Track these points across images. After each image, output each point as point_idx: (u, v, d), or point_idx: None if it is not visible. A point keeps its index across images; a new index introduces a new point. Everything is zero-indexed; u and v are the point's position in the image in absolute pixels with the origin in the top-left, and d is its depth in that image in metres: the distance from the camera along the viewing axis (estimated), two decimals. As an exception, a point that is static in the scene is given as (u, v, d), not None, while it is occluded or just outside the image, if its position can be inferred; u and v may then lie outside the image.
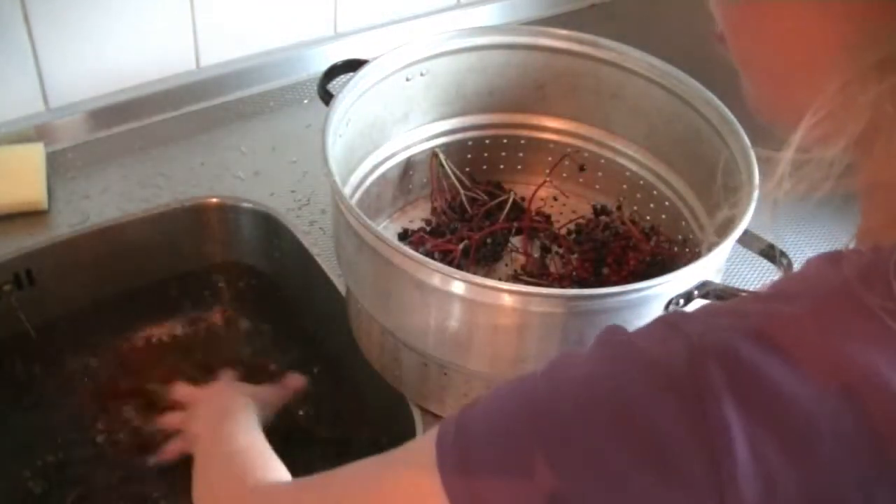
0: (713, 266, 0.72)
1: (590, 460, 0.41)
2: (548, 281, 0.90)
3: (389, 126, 0.92)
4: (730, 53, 0.48)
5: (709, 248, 0.71)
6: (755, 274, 0.98)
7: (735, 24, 0.47)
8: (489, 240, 0.92)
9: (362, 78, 0.84)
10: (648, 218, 0.97)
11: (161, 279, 1.01)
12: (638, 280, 0.68)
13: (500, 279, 0.91)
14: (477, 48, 0.92)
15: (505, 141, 1.00)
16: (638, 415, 0.40)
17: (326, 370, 1.00)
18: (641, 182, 0.96)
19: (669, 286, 0.68)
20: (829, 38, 0.42)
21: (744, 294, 0.70)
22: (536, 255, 0.94)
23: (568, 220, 0.98)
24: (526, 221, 0.96)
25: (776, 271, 0.76)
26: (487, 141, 1.00)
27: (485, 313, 0.69)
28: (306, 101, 1.15)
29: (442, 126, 0.97)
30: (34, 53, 0.98)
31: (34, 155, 0.98)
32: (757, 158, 0.75)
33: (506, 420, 0.44)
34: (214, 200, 1.00)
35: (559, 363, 0.45)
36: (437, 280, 0.68)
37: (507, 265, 0.94)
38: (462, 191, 0.96)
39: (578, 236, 0.96)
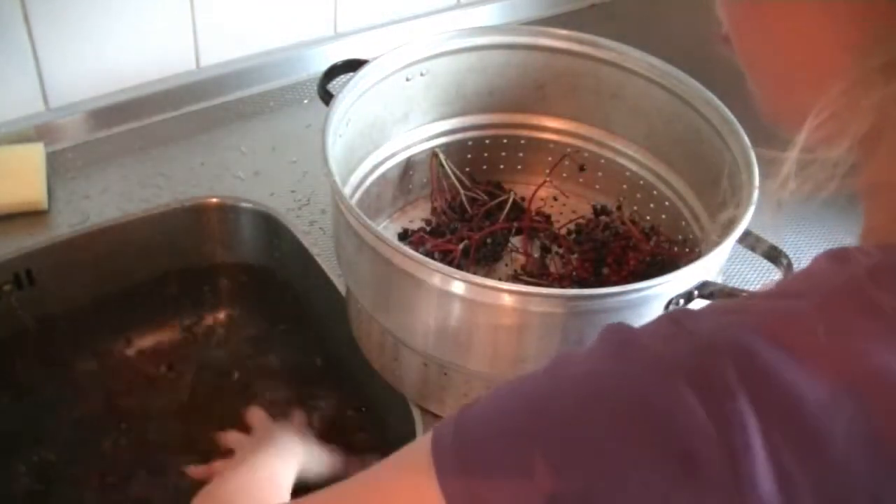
0: (713, 266, 0.72)
1: (594, 457, 0.40)
2: (548, 281, 0.90)
3: (389, 126, 0.92)
4: (735, 55, 0.48)
5: (709, 248, 0.71)
6: (755, 274, 0.98)
7: (740, 25, 0.47)
8: (489, 240, 0.92)
9: (362, 78, 0.84)
10: (648, 218, 0.97)
11: (161, 279, 1.01)
12: (638, 280, 0.68)
13: (500, 279, 0.91)
14: (477, 48, 0.92)
15: (505, 141, 1.00)
16: (650, 408, 0.39)
17: (326, 370, 1.00)
18: (641, 182, 0.96)
19: (669, 286, 0.68)
20: (833, 39, 0.42)
21: (743, 293, 0.70)
22: (536, 255, 0.94)
23: (568, 220, 0.98)
24: (526, 221, 0.96)
25: (776, 271, 0.76)
26: (487, 141, 1.00)
27: (485, 313, 0.69)
28: (306, 101, 1.15)
29: (442, 126, 0.97)
30: (34, 53, 0.98)
31: (34, 155, 0.98)
32: (758, 158, 0.75)
33: (505, 420, 0.44)
34: (214, 200, 1.00)
35: (560, 361, 0.45)
36: (437, 280, 0.68)
37: (507, 265, 0.94)
38: (462, 191, 0.96)
39: (578, 236, 0.96)
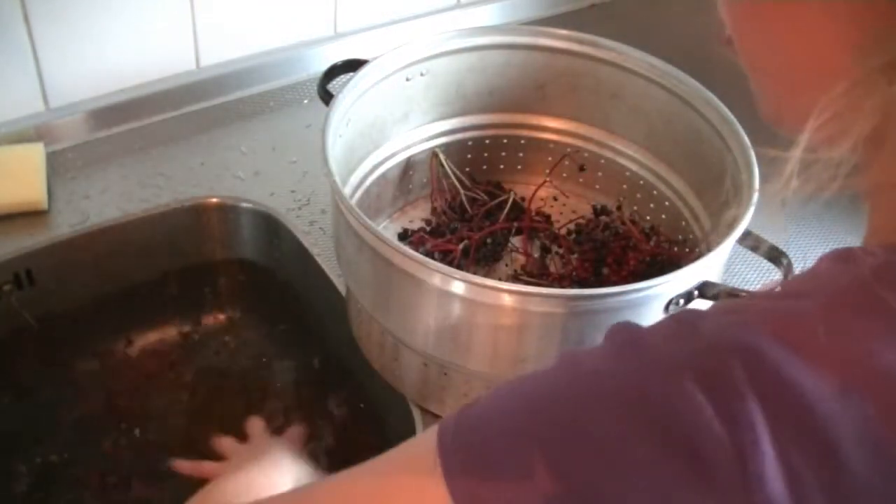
0: (713, 266, 0.72)
1: (595, 456, 0.40)
2: (548, 281, 0.90)
3: (389, 126, 0.92)
4: (738, 56, 0.48)
5: (709, 248, 0.71)
6: (755, 274, 0.98)
7: (742, 26, 0.47)
8: (489, 240, 0.92)
9: (362, 78, 0.84)
10: (648, 218, 0.97)
11: (161, 279, 1.01)
12: (638, 280, 0.68)
13: (500, 279, 0.91)
14: (477, 48, 0.92)
15: (505, 141, 1.00)
16: (656, 407, 0.39)
17: (326, 370, 1.00)
18: (641, 182, 0.96)
19: (669, 286, 0.68)
20: (834, 40, 0.42)
21: (744, 294, 0.70)
22: (536, 255, 0.94)
23: (568, 220, 0.98)
24: (526, 221, 0.96)
25: (777, 271, 0.76)
26: (487, 141, 1.00)
27: (485, 313, 0.69)
28: (306, 101, 1.15)
29: (442, 126, 0.97)
30: (34, 53, 0.98)
31: (34, 155, 0.98)
32: (758, 158, 0.75)
33: (505, 419, 0.43)
34: (214, 200, 1.00)
35: (564, 361, 0.44)
36: (437, 280, 0.68)
37: (507, 265, 0.94)
38: (462, 191, 0.96)
39: (578, 236, 0.96)
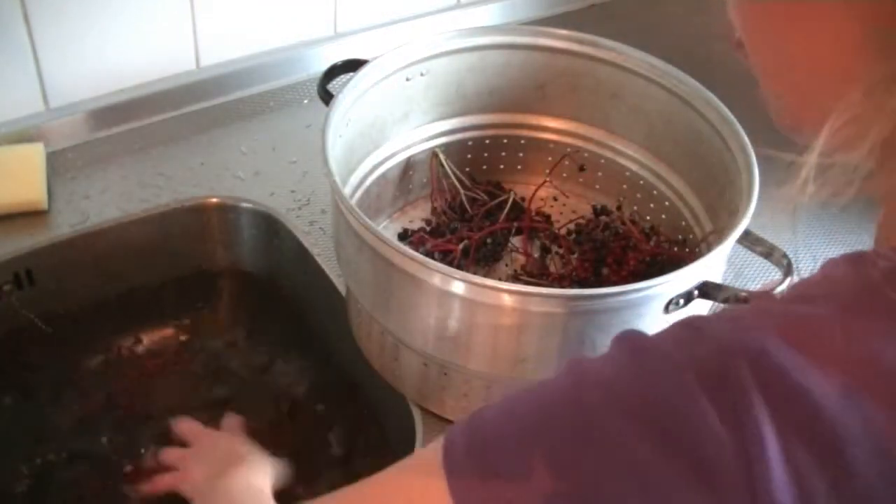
0: (713, 266, 0.72)
1: (601, 461, 0.40)
2: (548, 281, 0.90)
3: (389, 126, 0.92)
4: (747, 60, 0.47)
5: (709, 248, 0.71)
6: (755, 274, 0.98)
7: (754, 28, 0.46)
8: (489, 240, 0.92)
9: (362, 78, 0.84)
10: (648, 218, 0.97)
11: (161, 279, 1.01)
12: (638, 280, 0.68)
13: (500, 279, 0.91)
14: (477, 48, 0.92)
15: (505, 141, 1.00)
16: (662, 412, 0.39)
17: (326, 370, 1.00)
18: (641, 182, 0.96)
19: (669, 286, 0.68)
20: (850, 43, 0.41)
21: (744, 294, 0.70)
22: (536, 255, 0.94)
23: (568, 220, 0.98)
24: (526, 221, 0.96)
25: (777, 271, 0.76)
26: (487, 141, 1.00)
27: (485, 313, 0.69)
28: (306, 101, 1.15)
29: (442, 126, 0.97)
30: (34, 53, 0.98)
31: (34, 155, 0.98)
32: (757, 158, 0.75)
33: (514, 424, 0.43)
34: (214, 200, 1.00)
35: (572, 367, 0.44)
36: (437, 280, 0.68)
37: (507, 265, 0.94)
38: (462, 191, 0.96)
39: (578, 236, 0.96)
